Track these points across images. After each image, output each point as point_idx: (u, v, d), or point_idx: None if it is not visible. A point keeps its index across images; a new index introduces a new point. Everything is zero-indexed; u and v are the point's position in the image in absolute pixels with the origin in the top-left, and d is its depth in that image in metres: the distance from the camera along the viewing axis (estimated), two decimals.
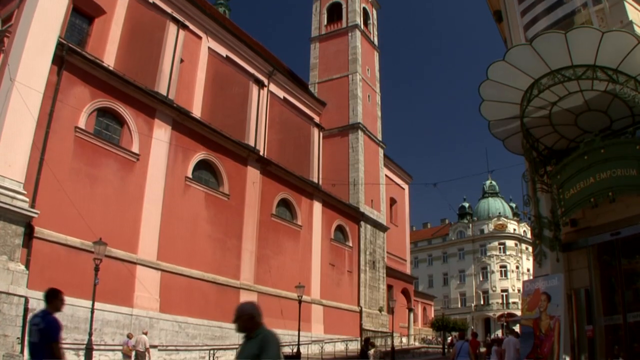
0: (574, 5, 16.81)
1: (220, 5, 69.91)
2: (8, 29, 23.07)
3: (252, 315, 5.29)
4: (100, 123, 25.68)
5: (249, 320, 5.29)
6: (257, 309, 5.37)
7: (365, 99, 52.95)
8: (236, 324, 5.34)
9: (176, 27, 32.07)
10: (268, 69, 45.53)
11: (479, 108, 17.01)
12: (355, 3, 55.77)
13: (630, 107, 14.57)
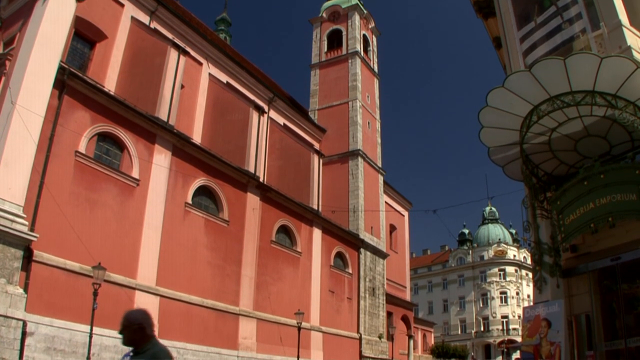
0: (573, 31, 16.87)
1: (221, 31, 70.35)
2: (10, 52, 23.22)
3: (142, 325, 4.77)
4: (100, 148, 25.71)
5: (138, 331, 4.75)
6: (149, 318, 4.85)
7: (365, 125, 53.07)
8: (122, 335, 4.77)
9: (177, 53, 32.16)
10: (268, 96, 45.73)
11: (479, 134, 17.04)
12: (355, 30, 56.14)
13: (630, 132, 14.59)
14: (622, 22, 15.73)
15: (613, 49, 15.39)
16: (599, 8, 16.70)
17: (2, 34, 25.25)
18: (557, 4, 17.76)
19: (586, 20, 16.54)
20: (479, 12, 28.14)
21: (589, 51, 15.15)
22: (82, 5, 26.09)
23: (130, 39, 32.41)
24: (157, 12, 35.17)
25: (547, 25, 18.10)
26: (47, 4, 23.40)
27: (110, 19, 31.62)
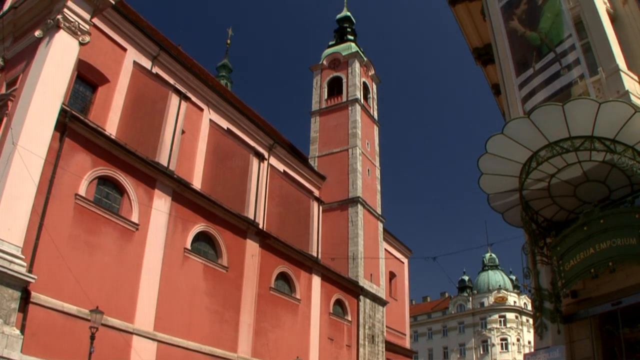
0: (571, 77, 17.02)
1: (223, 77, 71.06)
2: (12, 93, 23.38)
3: None
4: (100, 191, 25.73)
5: None
6: None
7: (365, 173, 53.16)
8: None
9: (178, 98, 32.38)
10: (269, 142, 45.91)
11: (478, 181, 17.10)
12: (355, 77, 56.59)
13: (629, 177, 14.66)
14: (620, 67, 15.90)
15: (611, 93, 15.54)
16: (596, 53, 16.91)
17: (5, 74, 25.46)
18: (556, 50, 17.95)
19: (584, 65, 16.70)
20: (478, 59, 28.46)
21: (587, 97, 15.28)
22: (85, 49, 26.32)
23: (132, 83, 32.66)
24: (159, 57, 35.51)
25: (546, 71, 18.27)
26: (50, 46, 23.63)
27: (113, 62, 31.94)
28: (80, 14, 24.98)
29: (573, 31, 17.49)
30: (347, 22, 65.42)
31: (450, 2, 28.18)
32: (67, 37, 24.37)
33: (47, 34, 24.14)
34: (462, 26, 28.76)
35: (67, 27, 24.29)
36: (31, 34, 24.81)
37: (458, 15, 28.39)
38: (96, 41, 29.32)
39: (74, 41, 24.68)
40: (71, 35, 24.52)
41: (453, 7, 28.17)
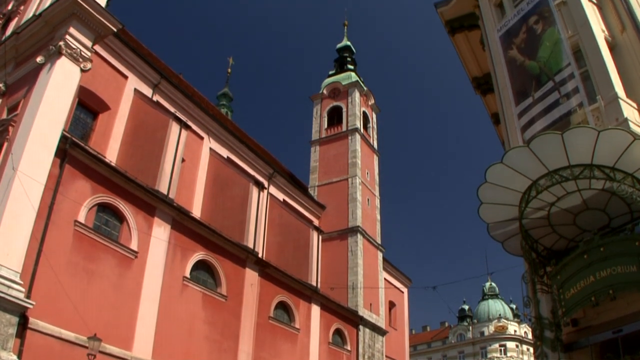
0: (570, 106, 17.11)
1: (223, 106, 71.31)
2: (14, 118, 23.47)
3: None
4: (99, 218, 25.69)
5: None
6: None
7: (365, 202, 53.15)
8: None
9: (179, 126, 32.44)
10: (268, 172, 45.94)
11: (478, 211, 17.12)
12: (355, 107, 56.81)
13: (629, 204, 14.69)
14: (619, 95, 15.99)
15: (610, 121, 15.60)
16: (595, 82, 17.01)
17: (7, 99, 25.59)
18: (555, 79, 18.06)
19: (583, 94, 16.81)
20: (478, 88, 28.63)
21: (586, 125, 15.36)
22: (87, 76, 26.47)
23: (132, 110, 32.73)
24: (160, 85, 35.65)
25: (545, 100, 18.38)
26: (52, 72, 23.76)
27: (114, 90, 32.03)
28: (82, 41, 25.21)
29: (572, 60, 17.62)
30: (347, 51, 65.82)
31: (449, 32, 28.40)
32: (68, 63, 24.54)
33: (48, 60, 24.31)
34: (461, 55, 28.96)
35: (68, 54, 24.48)
36: (33, 60, 24.97)
37: (457, 45, 28.61)
38: (98, 68, 29.51)
39: (76, 68, 24.84)
40: (73, 61, 24.70)
41: (452, 36, 28.40)
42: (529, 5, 20.74)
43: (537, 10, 20.13)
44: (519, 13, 21.26)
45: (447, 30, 28.53)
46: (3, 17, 31.93)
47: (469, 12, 27.14)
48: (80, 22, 25.32)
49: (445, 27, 28.53)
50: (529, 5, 20.73)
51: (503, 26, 22.10)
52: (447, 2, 27.63)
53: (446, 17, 28.04)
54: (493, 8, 23.98)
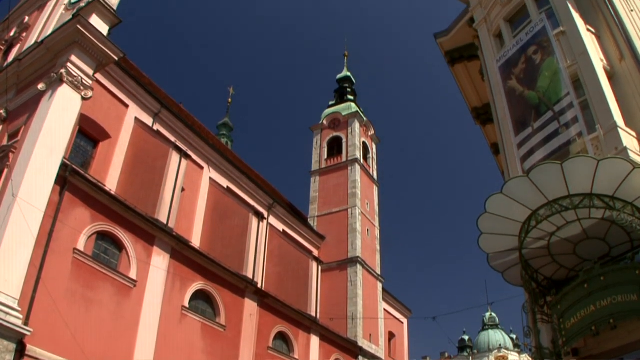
0: (570, 135, 17.13)
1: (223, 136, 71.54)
2: (14, 145, 23.54)
3: None
4: (99, 246, 25.64)
5: None
6: None
7: (365, 233, 53.11)
8: None
9: (179, 156, 32.54)
10: (268, 202, 45.94)
11: (478, 241, 17.09)
12: (355, 137, 57.00)
13: (629, 233, 14.66)
14: (618, 124, 16.03)
15: (609, 150, 15.62)
16: (594, 111, 17.05)
17: (8, 125, 25.69)
18: (554, 108, 18.10)
19: (582, 123, 16.83)
20: (477, 118, 28.73)
21: (585, 154, 15.36)
22: (88, 104, 26.57)
23: (133, 139, 32.81)
24: (161, 114, 35.77)
25: (544, 130, 18.39)
26: (53, 100, 23.89)
27: (115, 118, 32.12)
28: (83, 69, 25.40)
29: (571, 89, 17.67)
30: (347, 82, 66.24)
31: (449, 62, 28.57)
32: (69, 91, 24.68)
33: (50, 87, 24.46)
34: (461, 86, 29.11)
35: (70, 82, 24.63)
36: (34, 87, 25.14)
37: (457, 75, 28.77)
38: (98, 96, 29.65)
39: (77, 96, 24.98)
40: (74, 89, 24.84)
41: (452, 67, 28.56)
42: (528, 35, 20.87)
43: (536, 41, 20.25)
44: (518, 43, 21.37)
45: (447, 61, 28.71)
46: (5, 43, 32.21)
47: (468, 43, 27.35)
48: (82, 50, 25.54)
49: (445, 58, 28.72)
50: (527, 36, 20.85)
51: (502, 56, 22.20)
52: (447, 33, 27.85)
53: (446, 47, 28.25)
54: (492, 39, 24.14)
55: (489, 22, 24.57)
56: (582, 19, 19.75)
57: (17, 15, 33.85)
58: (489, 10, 24.49)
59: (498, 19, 23.73)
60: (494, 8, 24.12)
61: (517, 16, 23.09)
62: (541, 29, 20.23)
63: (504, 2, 23.40)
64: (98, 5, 26.50)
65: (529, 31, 20.99)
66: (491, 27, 24.35)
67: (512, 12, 23.26)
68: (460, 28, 27.23)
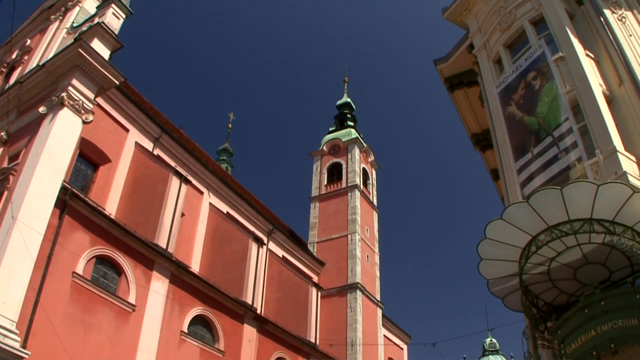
0: (569, 160, 17.18)
1: (223, 161, 71.58)
2: (14, 167, 23.55)
3: None
4: (98, 270, 25.57)
5: None
6: None
7: (364, 259, 53.01)
8: None
9: (179, 181, 32.57)
10: (268, 228, 45.89)
11: (478, 267, 17.07)
12: (355, 164, 57.09)
13: (629, 257, 14.66)
14: (617, 149, 16.07)
15: (609, 175, 15.65)
16: (593, 136, 17.10)
17: (8, 148, 25.72)
18: (553, 134, 18.16)
19: (582, 148, 16.89)
20: (477, 144, 28.78)
21: (585, 179, 15.39)
22: (88, 128, 26.63)
23: (133, 164, 32.86)
24: (161, 139, 35.85)
25: (544, 155, 18.44)
26: (54, 123, 23.95)
27: (115, 143, 32.16)
28: (84, 93, 25.48)
29: (570, 114, 17.75)
30: (347, 108, 66.49)
31: (449, 89, 28.69)
32: (70, 115, 24.74)
33: (51, 110, 24.54)
34: (460, 112, 29.20)
35: (71, 105, 24.70)
36: (35, 110, 25.19)
37: (457, 101, 28.87)
38: (99, 120, 29.72)
39: (78, 119, 25.04)
40: (75, 113, 24.91)
41: (452, 93, 28.68)
42: (527, 61, 20.99)
43: (536, 66, 20.37)
44: (517, 69, 21.49)
45: (447, 87, 28.82)
46: (7, 66, 32.39)
47: (467, 69, 27.48)
48: (83, 74, 25.65)
49: (444, 84, 28.83)
50: (527, 62, 20.97)
51: (502, 82, 22.31)
52: (447, 59, 28.00)
53: (445, 74, 28.38)
54: (492, 64, 24.28)
55: (488, 48, 24.72)
56: (581, 45, 19.88)
57: (19, 37, 34.12)
58: (489, 36, 24.65)
59: (497, 44, 23.88)
60: (494, 34, 24.28)
61: (517, 42, 23.24)
62: (540, 55, 20.37)
63: (503, 28, 23.56)
64: (100, 29, 26.69)
65: (528, 57, 21.12)
66: (491, 53, 24.50)
67: (511, 38, 23.41)
68: (459, 54, 27.38)
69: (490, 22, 24.74)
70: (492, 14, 24.72)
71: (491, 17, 24.74)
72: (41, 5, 34.86)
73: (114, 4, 28.31)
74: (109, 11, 28.13)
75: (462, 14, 27.43)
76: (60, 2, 33.17)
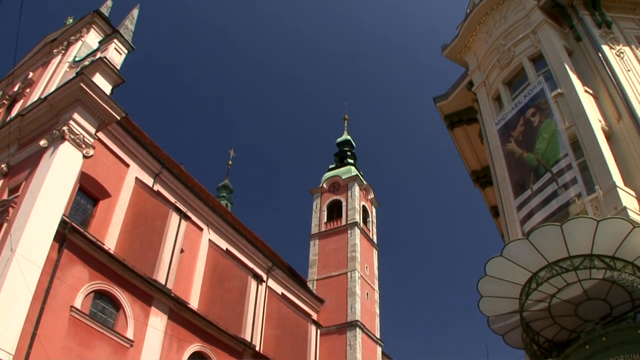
0: (569, 196, 17.15)
1: (223, 198, 71.72)
2: (14, 200, 23.58)
3: None
4: (96, 305, 25.44)
5: None
6: None
7: (364, 296, 52.82)
8: None
9: (178, 217, 32.57)
10: (267, 265, 45.80)
11: (478, 304, 17.00)
12: (355, 201, 57.17)
13: (630, 292, 14.59)
14: (617, 184, 16.06)
15: (609, 210, 15.63)
16: (593, 171, 17.11)
17: (8, 180, 25.77)
18: (552, 170, 18.15)
19: (581, 184, 16.86)
20: (477, 181, 28.77)
21: (585, 215, 15.37)
22: (89, 162, 26.74)
23: (133, 199, 32.91)
24: (161, 175, 35.96)
25: (543, 191, 18.41)
26: (54, 157, 24.05)
27: (115, 177, 32.28)
28: (85, 127, 25.63)
29: (569, 150, 17.76)
30: (347, 145, 66.84)
31: (448, 126, 28.75)
32: (71, 148, 24.87)
33: (52, 144, 24.67)
34: (460, 149, 29.23)
35: (72, 139, 24.83)
36: (36, 143, 25.37)
37: (456, 139, 28.92)
38: (100, 155, 29.89)
39: (78, 153, 25.15)
40: (75, 147, 25.02)
41: (451, 130, 28.73)
42: (526, 98, 21.07)
43: (535, 103, 20.43)
44: (516, 106, 21.55)
45: (446, 125, 28.88)
46: (9, 98, 32.57)
47: (467, 107, 27.56)
48: (84, 108, 25.83)
49: (444, 122, 28.90)
50: (526, 98, 21.04)
51: (501, 119, 22.37)
52: (446, 97, 28.10)
53: (445, 111, 28.45)
54: (491, 102, 24.35)
55: (487, 85, 24.82)
56: (579, 81, 19.98)
57: (22, 70, 34.43)
58: (488, 73, 24.77)
59: (497, 82, 23.98)
60: (493, 71, 24.41)
61: (516, 79, 23.33)
62: (539, 91, 20.44)
63: (503, 65, 23.68)
64: (102, 64, 26.92)
65: (527, 93, 21.19)
66: (490, 90, 24.59)
67: (510, 75, 23.51)
68: (459, 92, 27.48)
69: (490, 59, 24.89)
70: (491, 52, 24.88)
71: (490, 54, 24.90)
72: (44, 39, 35.25)
73: (116, 39, 28.60)
74: (111, 46, 28.41)
75: (461, 52, 27.62)
76: (63, 36, 33.56)
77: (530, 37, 22.92)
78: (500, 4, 25.34)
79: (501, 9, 25.27)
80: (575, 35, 22.11)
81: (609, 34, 21.28)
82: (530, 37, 22.95)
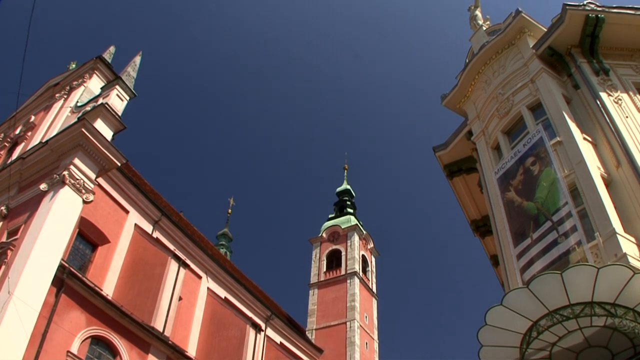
0: (569, 244, 17.16)
1: (222, 246, 71.67)
2: (13, 242, 23.47)
3: None
4: (93, 351, 25.16)
5: None
6: None
7: (363, 346, 52.49)
8: None
9: (177, 264, 32.43)
10: (266, 314, 45.51)
11: (478, 354, 16.91)
12: (354, 251, 57.17)
13: (631, 339, 14.54)
14: (617, 231, 16.09)
15: (609, 257, 15.64)
16: (592, 219, 17.14)
17: (7, 223, 25.72)
18: (552, 218, 18.20)
19: (581, 232, 16.89)
20: (476, 231, 28.78)
21: (585, 263, 15.39)
22: (88, 207, 26.74)
23: (132, 245, 32.80)
24: (161, 222, 35.94)
25: (543, 240, 18.43)
26: (54, 201, 24.04)
27: (115, 223, 32.21)
28: (86, 173, 25.69)
29: (569, 198, 17.82)
30: (346, 195, 67.10)
31: (448, 176, 28.85)
32: (71, 193, 24.85)
33: (52, 188, 24.68)
34: (460, 199, 29.29)
35: (72, 184, 24.86)
36: (37, 186, 25.38)
37: (456, 188, 29.00)
38: (99, 201, 29.92)
39: (78, 198, 25.15)
40: (75, 192, 25.04)
41: (451, 180, 28.82)
42: (525, 147, 21.19)
43: (534, 152, 20.55)
44: (515, 155, 21.68)
45: (446, 175, 28.98)
46: (10, 141, 32.72)
47: (466, 156, 27.69)
48: (85, 153, 25.93)
49: (443, 171, 29.01)
50: (525, 147, 21.17)
51: (500, 168, 22.48)
52: (445, 147, 28.25)
53: (445, 161, 28.59)
54: (490, 151, 24.48)
55: (486, 135, 24.98)
56: (578, 128, 20.12)
57: (24, 113, 34.63)
58: (487, 122, 24.95)
59: (496, 131, 24.14)
60: (492, 120, 24.59)
61: (515, 128, 23.49)
62: (538, 140, 20.58)
63: (502, 114, 23.87)
64: (103, 110, 27.11)
65: (526, 142, 21.33)
66: (489, 139, 24.74)
67: (509, 124, 23.68)
68: (458, 141, 27.64)
69: (489, 108, 25.09)
70: (490, 101, 25.10)
71: (489, 103, 25.12)
72: (47, 83, 35.58)
73: (118, 85, 28.87)
74: (113, 92, 28.67)
75: (460, 101, 27.88)
76: (66, 81, 33.88)
77: (529, 86, 23.15)
78: (499, 53, 25.66)
79: (500, 59, 25.58)
80: (574, 83, 22.32)
81: (607, 81, 21.48)
82: (528, 86, 23.19)
